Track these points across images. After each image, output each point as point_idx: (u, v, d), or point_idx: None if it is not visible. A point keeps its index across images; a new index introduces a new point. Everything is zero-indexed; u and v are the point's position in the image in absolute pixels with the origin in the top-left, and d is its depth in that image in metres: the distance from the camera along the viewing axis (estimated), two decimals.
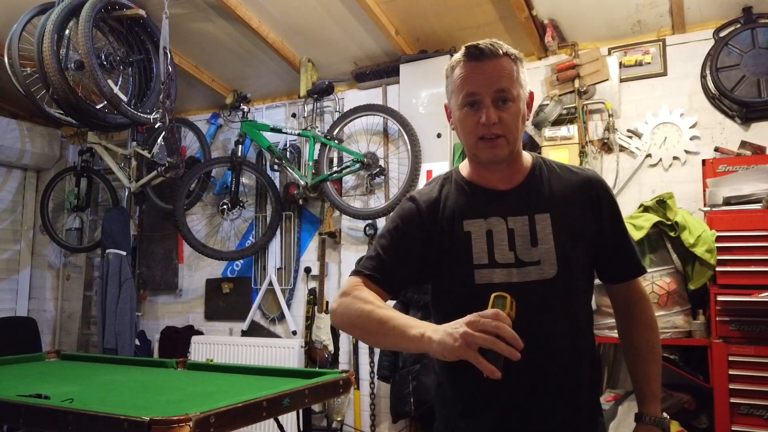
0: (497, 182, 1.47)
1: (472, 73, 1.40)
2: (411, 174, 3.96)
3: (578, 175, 1.51)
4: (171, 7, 3.76)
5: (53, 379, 2.78)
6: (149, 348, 5.03)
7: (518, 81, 1.40)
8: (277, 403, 2.18)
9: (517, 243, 1.41)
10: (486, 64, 1.39)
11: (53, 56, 3.47)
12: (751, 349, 2.89)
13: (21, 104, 5.06)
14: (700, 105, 3.58)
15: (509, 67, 1.39)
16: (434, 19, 3.87)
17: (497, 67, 1.39)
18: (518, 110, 1.40)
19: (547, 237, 1.40)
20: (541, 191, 1.46)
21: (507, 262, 1.40)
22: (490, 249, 1.42)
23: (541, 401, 1.37)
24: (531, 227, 1.42)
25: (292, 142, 4.66)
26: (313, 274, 4.55)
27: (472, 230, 1.44)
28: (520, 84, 1.41)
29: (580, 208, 1.46)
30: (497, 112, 1.37)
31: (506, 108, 1.38)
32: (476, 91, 1.38)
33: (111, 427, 1.82)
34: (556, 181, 1.48)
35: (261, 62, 4.48)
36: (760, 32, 3.35)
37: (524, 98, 1.43)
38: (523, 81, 1.42)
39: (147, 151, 4.79)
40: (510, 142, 1.40)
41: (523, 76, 1.43)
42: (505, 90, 1.38)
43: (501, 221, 1.43)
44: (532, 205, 1.44)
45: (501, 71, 1.38)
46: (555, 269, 1.38)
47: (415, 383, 3.67)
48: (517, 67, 1.41)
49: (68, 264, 5.66)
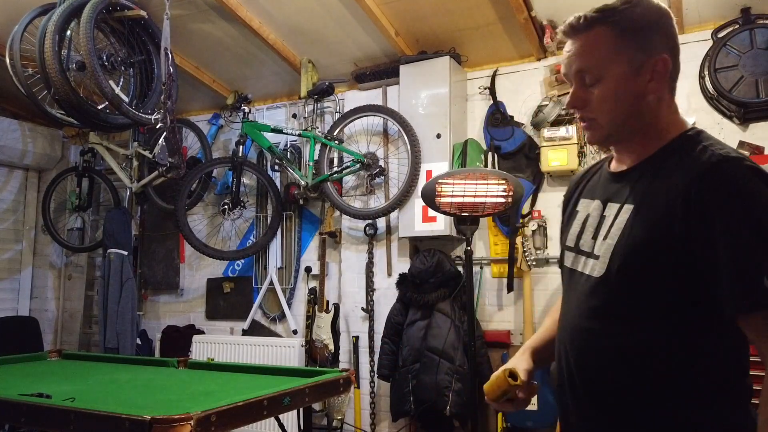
0: (618, 163, 1.33)
1: (565, 52, 1.29)
2: (411, 174, 3.97)
3: (697, 161, 1.15)
4: (172, 8, 3.77)
5: (55, 379, 2.79)
6: (150, 347, 5.04)
7: (612, 55, 1.21)
8: (277, 402, 2.20)
9: (600, 231, 1.27)
10: (574, 41, 1.26)
11: (55, 57, 3.49)
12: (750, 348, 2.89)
13: (23, 105, 5.07)
14: (699, 105, 3.59)
15: (599, 41, 1.22)
16: (434, 20, 3.88)
17: (582, 43, 1.24)
18: (609, 90, 1.22)
19: (617, 232, 1.22)
20: (647, 178, 1.22)
21: (585, 249, 1.31)
22: (581, 233, 1.34)
23: (575, 401, 1.29)
24: (615, 217, 1.24)
25: (293, 142, 4.68)
26: (313, 273, 4.56)
27: (579, 210, 1.39)
28: (616, 58, 1.21)
29: (669, 206, 1.14)
30: (585, 94, 1.24)
31: (593, 89, 1.23)
32: (564, 71, 1.30)
33: (112, 426, 1.83)
34: (674, 166, 1.18)
35: (262, 63, 4.49)
36: (759, 33, 3.36)
37: (629, 72, 1.21)
38: (626, 51, 1.20)
39: (148, 152, 4.81)
40: (604, 125, 1.25)
41: (628, 46, 1.21)
42: (583, 70, 1.24)
43: (600, 206, 1.31)
44: (630, 194, 1.24)
45: (584, 49, 1.23)
46: (604, 269, 1.22)
47: (414, 382, 3.69)
48: (617, 36, 1.21)
49: (70, 264, 5.68)
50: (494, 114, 4.04)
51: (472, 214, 3.13)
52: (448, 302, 3.78)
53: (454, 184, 3.08)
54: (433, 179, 3.14)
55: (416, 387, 3.67)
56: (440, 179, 3.11)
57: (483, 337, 3.83)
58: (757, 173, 1.10)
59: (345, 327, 4.35)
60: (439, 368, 3.62)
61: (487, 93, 4.11)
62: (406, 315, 3.89)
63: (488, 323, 3.99)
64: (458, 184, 3.08)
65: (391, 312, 3.97)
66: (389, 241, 4.27)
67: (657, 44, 1.22)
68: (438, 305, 3.77)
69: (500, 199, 3.08)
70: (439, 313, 3.76)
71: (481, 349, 3.74)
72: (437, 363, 3.64)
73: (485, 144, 4.05)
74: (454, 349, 3.66)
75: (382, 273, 4.25)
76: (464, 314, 3.69)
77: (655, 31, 1.22)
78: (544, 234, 3.81)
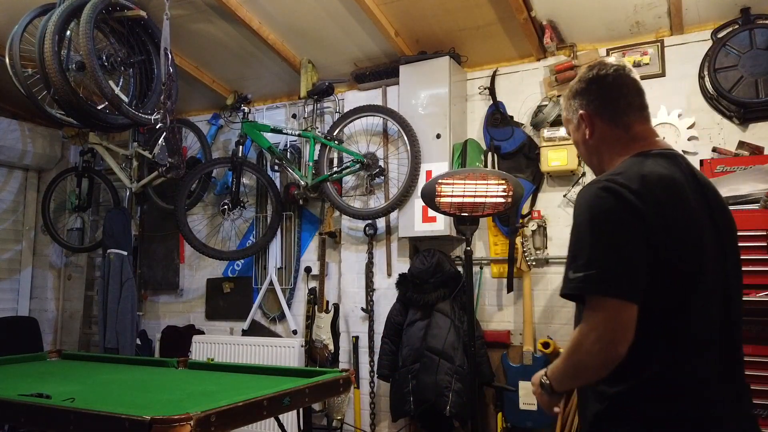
0: None
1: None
2: (411, 174, 3.97)
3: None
4: (172, 8, 3.77)
5: (54, 379, 2.79)
6: (150, 347, 5.04)
7: (568, 114, 1.64)
8: (277, 402, 2.20)
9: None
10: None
11: (54, 57, 3.49)
12: (750, 348, 2.90)
13: (22, 105, 5.07)
14: (698, 105, 3.60)
15: (564, 107, 1.68)
16: (434, 21, 3.88)
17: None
18: (573, 137, 1.65)
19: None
20: None
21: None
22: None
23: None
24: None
25: (293, 142, 4.68)
26: (313, 273, 4.56)
27: None
28: (568, 116, 1.64)
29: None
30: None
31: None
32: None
33: (112, 426, 1.84)
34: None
35: (261, 63, 4.49)
36: (758, 33, 3.36)
37: (575, 123, 1.60)
38: (569, 111, 1.63)
39: (148, 152, 4.81)
40: (584, 161, 1.74)
41: (568, 109, 1.63)
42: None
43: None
44: None
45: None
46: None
47: (414, 382, 3.69)
48: (566, 104, 1.64)
49: (69, 264, 5.68)
50: (494, 114, 4.04)
51: (471, 214, 3.13)
52: (447, 302, 3.78)
53: (454, 184, 3.08)
54: (433, 179, 3.14)
55: (416, 387, 3.67)
56: (440, 179, 3.11)
57: (483, 337, 3.83)
58: (594, 193, 1.36)
59: (345, 327, 4.35)
60: (439, 368, 3.62)
61: (486, 93, 4.12)
62: (405, 315, 3.89)
63: (488, 323, 3.99)
64: (458, 184, 3.08)
65: (390, 312, 3.97)
66: (389, 241, 4.27)
67: (580, 106, 1.57)
68: (438, 305, 3.77)
69: (500, 199, 3.08)
70: (438, 314, 3.76)
71: (481, 349, 3.74)
72: (437, 363, 3.64)
73: (485, 144, 4.05)
74: (454, 349, 3.66)
75: (381, 273, 4.25)
76: (464, 314, 3.69)
77: (579, 96, 1.58)
78: (544, 234, 3.82)
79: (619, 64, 1.55)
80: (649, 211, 1.30)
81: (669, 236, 1.31)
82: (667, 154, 1.48)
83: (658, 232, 1.30)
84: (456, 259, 4.00)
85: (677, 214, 1.34)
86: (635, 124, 1.51)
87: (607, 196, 1.32)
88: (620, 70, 1.53)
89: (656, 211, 1.31)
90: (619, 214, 1.31)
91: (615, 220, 1.31)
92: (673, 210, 1.33)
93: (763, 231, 2.94)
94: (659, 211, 1.31)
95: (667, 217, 1.32)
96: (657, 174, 1.36)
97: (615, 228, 1.31)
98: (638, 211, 1.30)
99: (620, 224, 1.30)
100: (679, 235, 1.32)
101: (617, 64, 1.55)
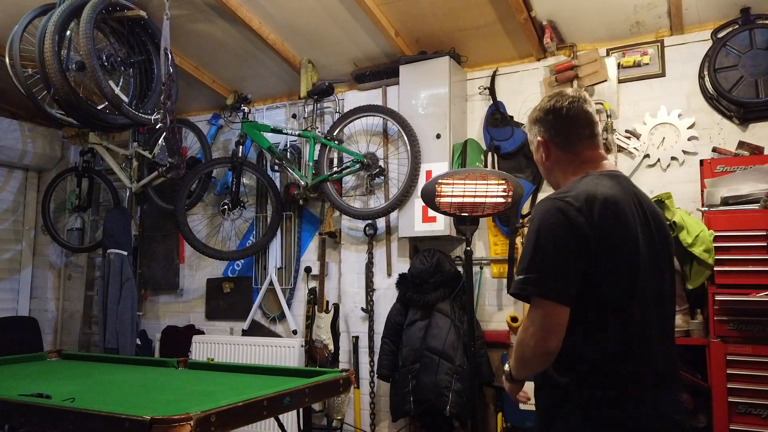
0: None
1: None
2: (411, 174, 3.97)
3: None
4: (172, 8, 3.77)
5: (54, 379, 2.79)
6: (150, 347, 5.04)
7: (530, 137, 1.85)
8: (277, 402, 2.20)
9: None
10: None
11: (54, 57, 3.49)
12: (749, 348, 2.90)
13: (22, 105, 5.07)
14: (698, 106, 3.60)
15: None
16: (434, 21, 3.88)
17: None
18: (534, 158, 1.85)
19: None
20: None
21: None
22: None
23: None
24: None
25: (293, 142, 4.68)
26: (313, 273, 4.56)
27: None
28: (531, 139, 1.85)
29: None
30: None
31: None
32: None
33: (112, 426, 1.84)
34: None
35: (261, 63, 4.49)
36: (758, 33, 3.36)
37: (535, 146, 1.81)
38: (531, 135, 1.84)
39: (148, 152, 4.81)
40: (544, 177, 1.97)
41: (529, 130, 1.85)
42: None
43: None
44: None
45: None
46: None
47: (414, 382, 3.69)
48: (528, 126, 1.85)
49: (69, 264, 5.68)
50: (494, 114, 4.04)
51: (471, 214, 3.13)
52: (447, 302, 3.78)
53: (454, 184, 3.08)
54: (433, 179, 3.14)
55: (416, 387, 3.67)
56: (440, 179, 3.11)
57: (483, 337, 3.83)
58: (544, 207, 1.58)
59: (345, 327, 4.35)
60: (439, 368, 3.62)
61: (486, 93, 4.12)
62: (405, 315, 3.89)
63: (488, 323, 3.99)
64: (458, 184, 3.08)
65: (390, 312, 3.97)
66: (389, 241, 4.27)
67: (538, 132, 1.79)
68: (438, 305, 3.77)
69: (500, 199, 3.08)
70: (438, 313, 3.76)
71: (481, 349, 3.74)
72: (437, 363, 3.64)
73: (485, 144, 4.05)
74: (454, 349, 3.66)
75: (381, 273, 4.25)
76: (464, 314, 3.69)
77: (537, 123, 1.79)
78: None
79: (576, 96, 1.74)
80: (588, 225, 1.51)
81: (606, 245, 1.52)
82: (612, 174, 1.68)
83: (596, 242, 1.51)
84: (456, 259, 4.00)
85: (614, 226, 1.55)
86: (585, 150, 1.72)
87: (555, 212, 1.54)
88: (575, 102, 1.73)
89: (597, 224, 1.52)
90: (561, 229, 1.52)
91: (557, 234, 1.53)
92: (611, 223, 1.54)
93: (763, 231, 2.94)
94: (599, 225, 1.52)
95: (605, 229, 1.53)
96: (600, 193, 1.57)
97: (556, 240, 1.53)
98: (578, 226, 1.51)
99: (561, 238, 1.52)
100: (615, 243, 1.54)
101: (573, 96, 1.75)
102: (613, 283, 1.54)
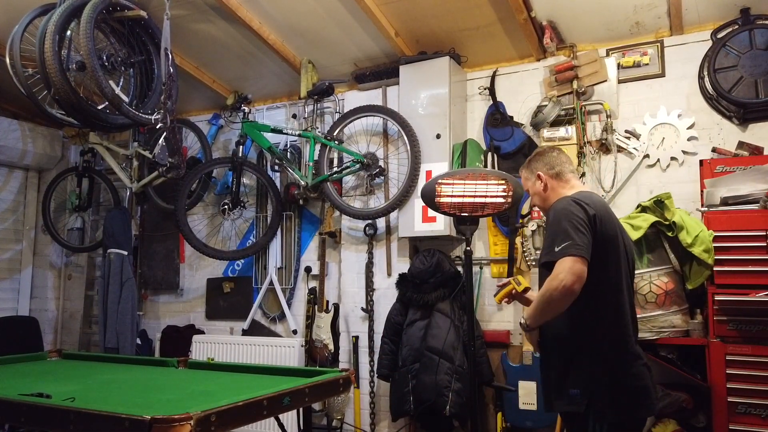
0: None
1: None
2: (410, 174, 3.97)
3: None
4: (172, 9, 3.77)
5: (55, 379, 2.80)
6: (150, 347, 5.05)
7: (527, 174, 2.55)
8: (277, 402, 2.20)
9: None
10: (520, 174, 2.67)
11: (55, 57, 3.49)
12: (749, 348, 2.91)
13: (22, 105, 5.08)
14: (698, 106, 3.60)
15: (522, 177, 2.61)
16: (434, 21, 3.88)
17: (522, 176, 2.63)
18: (532, 189, 2.52)
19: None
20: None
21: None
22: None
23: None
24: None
25: (293, 142, 4.68)
26: (313, 273, 4.57)
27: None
28: (527, 176, 2.56)
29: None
30: (532, 198, 2.58)
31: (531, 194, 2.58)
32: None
33: (112, 425, 1.84)
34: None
35: (262, 63, 4.49)
36: (758, 33, 3.37)
37: (534, 179, 2.50)
38: (528, 172, 2.55)
39: (148, 152, 4.81)
40: (536, 204, 2.56)
41: (527, 167, 2.56)
42: (527, 188, 2.61)
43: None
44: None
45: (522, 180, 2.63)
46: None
47: (414, 382, 3.69)
48: (525, 168, 2.57)
49: (70, 264, 5.69)
50: (494, 114, 4.05)
51: (471, 214, 3.13)
52: (447, 302, 3.78)
53: (454, 185, 3.08)
54: (433, 179, 3.14)
55: (416, 387, 3.67)
56: (440, 179, 3.11)
57: (482, 337, 3.83)
58: (567, 202, 2.25)
59: (345, 327, 4.35)
60: (439, 368, 3.62)
61: (486, 93, 4.12)
62: (405, 315, 3.89)
63: (488, 323, 3.99)
64: (458, 185, 3.07)
65: (390, 312, 3.97)
66: (389, 241, 4.27)
67: (537, 168, 2.50)
68: (438, 305, 3.78)
69: (500, 200, 3.08)
70: (438, 313, 3.76)
71: (481, 349, 3.74)
72: (437, 363, 3.64)
73: (485, 144, 4.05)
74: (454, 349, 3.66)
75: (381, 273, 4.25)
76: (464, 314, 3.70)
77: (537, 161, 2.51)
78: (544, 234, 3.81)
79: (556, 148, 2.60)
80: (595, 216, 2.20)
81: (604, 230, 2.22)
82: (590, 191, 2.44)
83: (599, 229, 2.20)
84: (456, 259, 4.00)
85: (608, 221, 2.25)
86: (570, 179, 2.45)
87: (573, 204, 2.23)
88: (557, 150, 2.53)
89: (599, 218, 2.21)
90: (580, 213, 2.19)
91: (577, 216, 2.18)
92: (606, 219, 2.24)
93: (763, 231, 2.94)
94: (600, 218, 2.21)
95: (604, 221, 2.23)
96: (596, 199, 2.32)
97: (577, 220, 2.17)
98: (590, 215, 2.20)
99: (580, 219, 2.18)
100: (609, 234, 2.23)
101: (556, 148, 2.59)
102: (609, 262, 2.21)
